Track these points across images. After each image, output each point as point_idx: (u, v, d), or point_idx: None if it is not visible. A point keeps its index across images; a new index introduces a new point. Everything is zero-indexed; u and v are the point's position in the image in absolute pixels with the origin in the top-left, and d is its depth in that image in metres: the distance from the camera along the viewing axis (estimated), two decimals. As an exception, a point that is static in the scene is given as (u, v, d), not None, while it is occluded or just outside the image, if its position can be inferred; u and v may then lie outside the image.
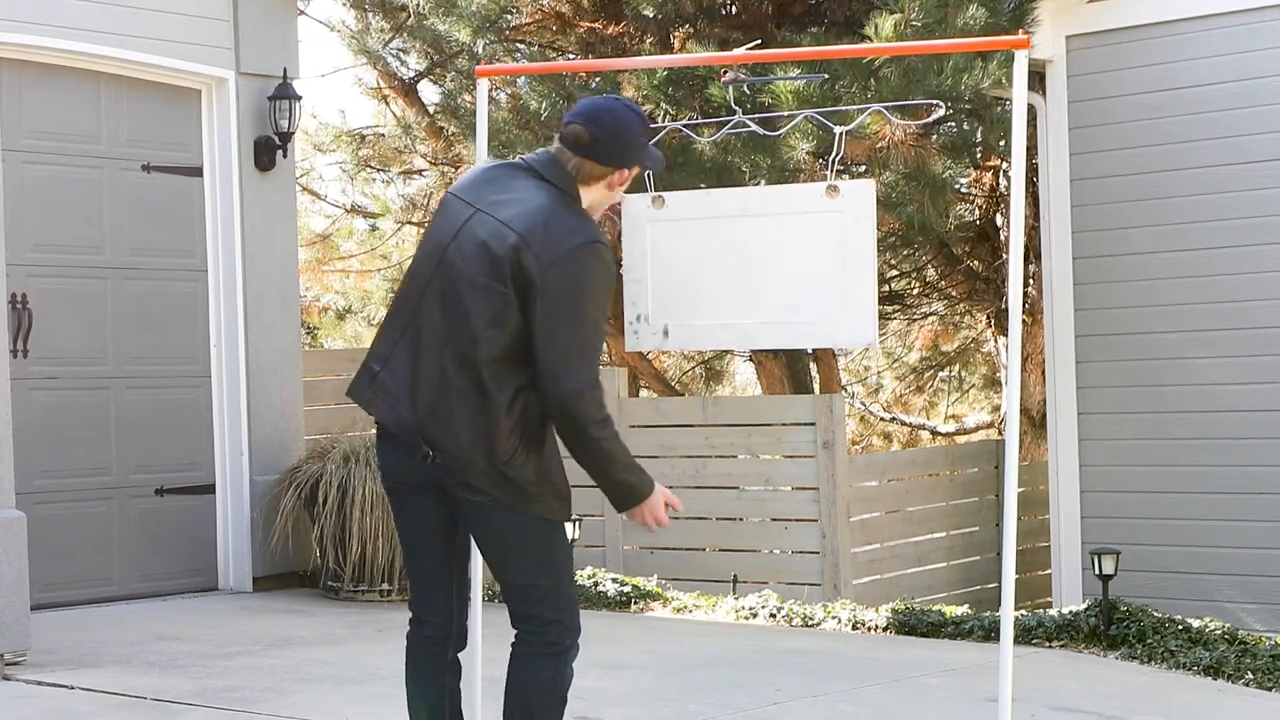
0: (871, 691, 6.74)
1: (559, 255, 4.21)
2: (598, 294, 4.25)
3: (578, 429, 4.23)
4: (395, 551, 8.92)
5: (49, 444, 8.64)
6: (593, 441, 4.24)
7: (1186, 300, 9.46)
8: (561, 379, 4.18)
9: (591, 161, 4.37)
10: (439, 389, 4.28)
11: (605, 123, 4.37)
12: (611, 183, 4.44)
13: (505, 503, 4.31)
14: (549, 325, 4.19)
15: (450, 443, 4.27)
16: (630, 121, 4.41)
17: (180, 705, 6.26)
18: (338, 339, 18.62)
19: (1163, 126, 9.54)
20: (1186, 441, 9.46)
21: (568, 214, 4.30)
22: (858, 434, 18.71)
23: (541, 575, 4.39)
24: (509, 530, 4.37)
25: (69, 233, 8.83)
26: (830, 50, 8.92)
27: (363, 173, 15.73)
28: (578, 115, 4.41)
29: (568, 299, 4.20)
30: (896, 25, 8.89)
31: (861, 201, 5.06)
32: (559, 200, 4.33)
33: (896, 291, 15.61)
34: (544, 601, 4.39)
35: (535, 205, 4.30)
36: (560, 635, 4.41)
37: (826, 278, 5.05)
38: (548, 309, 4.19)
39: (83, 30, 8.73)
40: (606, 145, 4.37)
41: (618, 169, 4.42)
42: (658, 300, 5.15)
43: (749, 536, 10.62)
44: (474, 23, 11.29)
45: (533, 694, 4.40)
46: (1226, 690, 7.13)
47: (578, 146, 4.37)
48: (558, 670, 4.42)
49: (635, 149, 4.43)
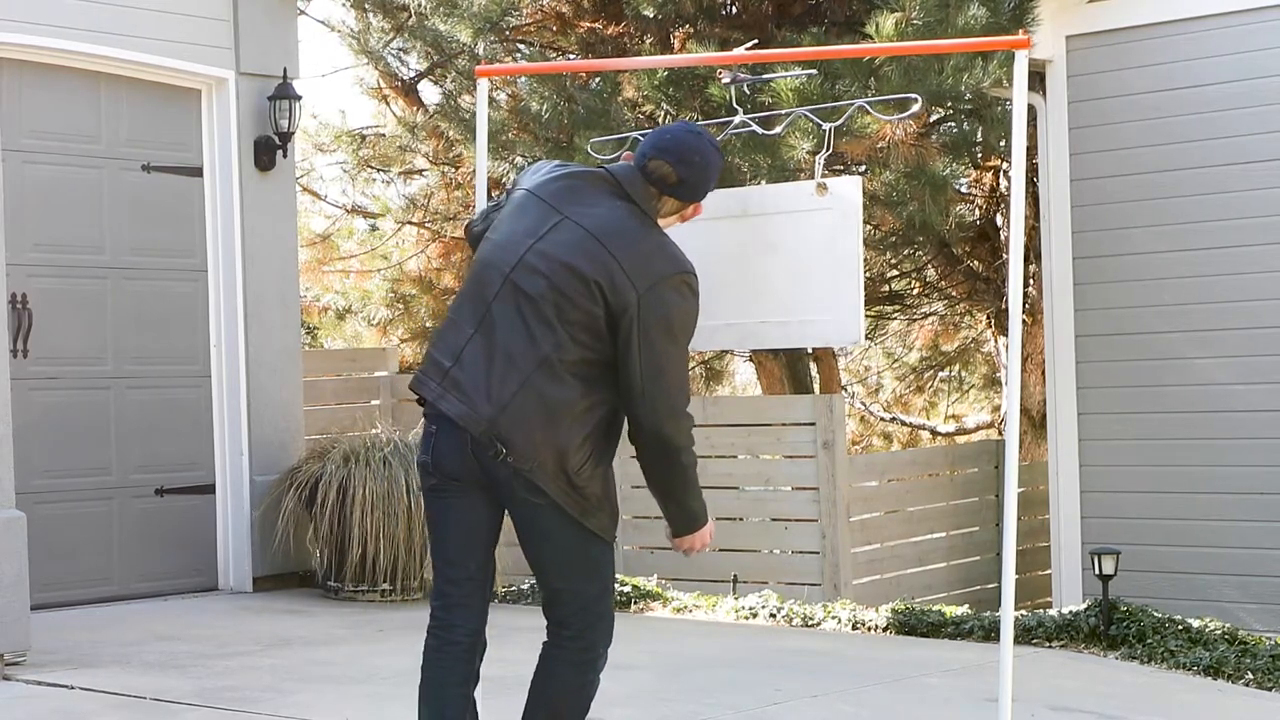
0: (871, 691, 6.74)
1: (655, 282, 4.24)
2: (690, 322, 4.32)
3: (669, 455, 4.33)
4: (395, 552, 8.92)
5: (49, 444, 8.64)
6: (680, 468, 4.36)
7: (1187, 300, 9.46)
8: (660, 407, 4.25)
9: (676, 200, 4.45)
10: (518, 389, 4.25)
11: (695, 164, 4.42)
12: (685, 214, 4.54)
13: (564, 509, 4.31)
14: (647, 351, 4.23)
15: (523, 442, 4.24)
16: (714, 161, 4.47)
17: (180, 705, 6.26)
18: (338, 339, 18.61)
19: (1163, 126, 9.53)
20: (1186, 441, 9.46)
21: (660, 241, 4.36)
22: (858, 434, 18.71)
23: (588, 583, 4.40)
24: (565, 535, 4.35)
25: (69, 233, 8.83)
26: (830, 50, 8.92)
27: (363, 173, 15.72)
28: (667, 154, 4.41)
29: (664, 326, 4.24)
30: (897, 24, 8.89)
31: (848, 199, 5.06)
32: (647, 224, 4.37)
33: (896, 291, 15.61)
34: (587, 609, 4.40)
35: (629, 228, 4.32)
36: (594, 643, 4.42)
37: (816, 276, 5.05)
38: (644, 335, 4.23)
39: (83, 30, 8.73)
40: (693, 186, 4.45)
41: (696, 202, 4.50)
42: None
43: (749, 536, 10.61)
44: (475, 23, 11.28)
45: (560, 699, 4.42)
46: (1226, 690, 7.12)
47: (665, 185, 4.41)
48: (586, 678, 4.43)
49: (713, 182, 4.52)
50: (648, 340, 4.22)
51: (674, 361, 4.26)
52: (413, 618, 8.46)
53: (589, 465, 4.30)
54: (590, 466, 4.30)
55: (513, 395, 4.25)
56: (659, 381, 4.24)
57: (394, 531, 8.89)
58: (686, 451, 4.33)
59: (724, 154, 4.64)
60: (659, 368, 4.23)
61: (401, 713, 6.20)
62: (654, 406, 4.24)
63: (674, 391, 4.27)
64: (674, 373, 4.26)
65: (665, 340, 4.24)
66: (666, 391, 4.25)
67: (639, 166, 4.42)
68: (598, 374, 4.28)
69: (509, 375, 4.26)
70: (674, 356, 4.26)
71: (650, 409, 4.25)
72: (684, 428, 4.30)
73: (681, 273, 4.29)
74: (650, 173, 4.40)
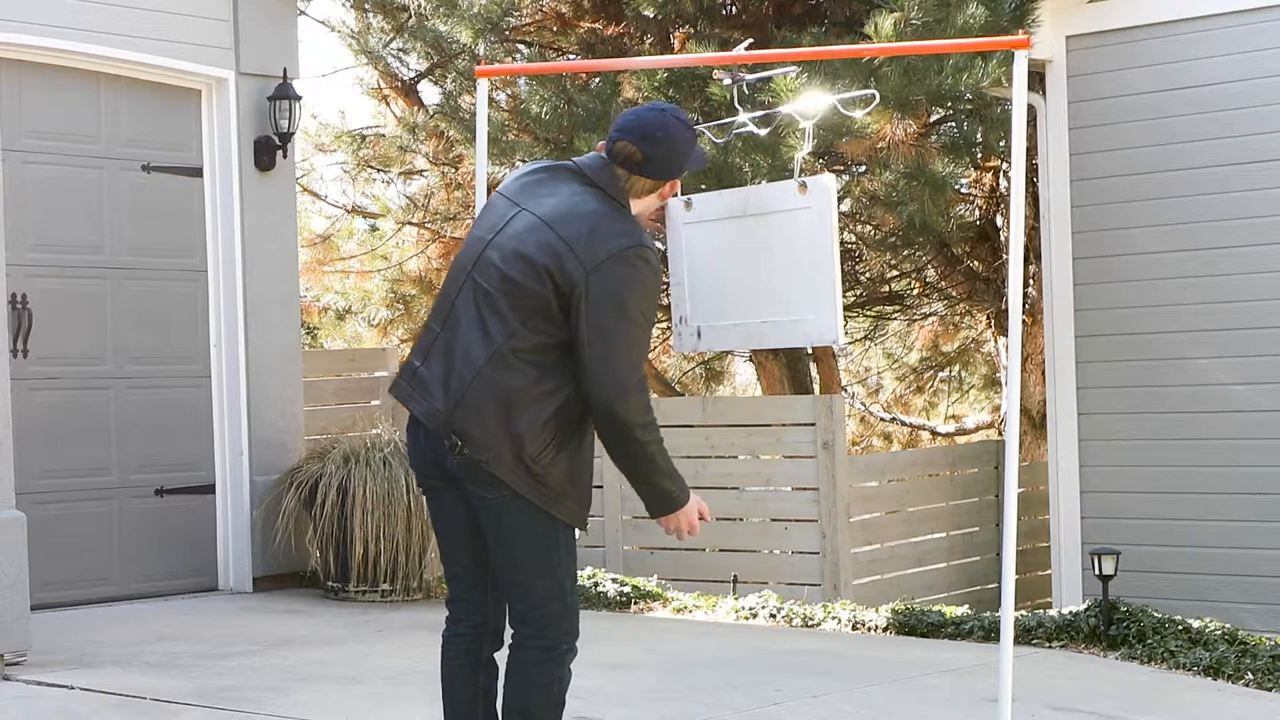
0: (871, 692, 6.74)
1: (603, 260, 4.23)
2: (643, 297, 4.27)
3: (622, 432, 4.24)
4: (395, 552, 8.93)
5: (49, 444, 8.64)
6: (637, 445, 4.27)
7: (1187, 300, 9.46)
8: (607, 382, 4.20)
9: (645, 178, 4.43)
10: (472, 382, 4.29)
11: (658, 140, 4.42)
12: (663, 192, 4.52)
13: (525, 500, 4.31)
14: (594, 329, 4.21)
15: (479, 434, 4.27)
16: (680, 136, 4.45)
17: (180, 705, 6.26)
18: (338, 339, 18.62)
19: (1163, 126, 9.53)
20: (1187, 442, 9.46)
21: (614, 220, 4.33)
22: (858, 434, 18.71)
23: (544, 577, 4.38)
24: (518, 529, 4.36)
25: (69, 233, 8.83)
26: (830, 50, 8.92)
27: (363, 173, 15.72)
28: (628, 133, 4.42)
29: (613, 302, 4.22)
30: (896, 24, 8.89)
31: (823, 196, 5.06)
32: (606, 205, 4.36)
33: (896, 291, 15.60)
34: (544, 604, 4.38)
35: (582, 210, 4.33)
36: (558, 639, 4.41)
37: (801, 275, 5.06)
38: (592, 313, 4.21)
39: (83, 30, 8.72)
40: (659, 163, 4.43)
41: (668, 180, 4.49)
42: (693, 303, 5.18)
43: (749, 537, 10.61)
44: (475, 24, 11.29)
45: (530, 696, 4.40)
46: (1226, 690, 7.12)
47: (631, 164, 4.41)
48: (554, 673, 4.41)
49: (684, 160, 4.49)
50: (595, 317, 4.21)
51: (624, 337, 4.22)
52: (412, 618, 8.46)
53: (549, 451, 4.28)
54: (551, 453, 4.28)
55: (467, 387, 4.29)
56: (607, 359, 4.20)
57: (394, 532, 8.89)
58: (642, 428, 4.24)
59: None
60: (608, 344, 4.20)
61: (401, 713, 6.20)
62: (602, 383, 4.20)
63: (622, 368, 4.20)
64: (623, 349, 4.22)
65: (614, 316, 4.22)
66: (614, 368, 4.19)
67: (607, 151, 4.46)
68: (555, 359, 4.28)
69: (465, 369, 4.31)
70: (624, 332, 4.22)
71: (599, 386, 4.21)
72: (635, 404, 4.22)
73: (634, 247, 4.27)
74: (617, 155, 4.42)
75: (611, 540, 10.67)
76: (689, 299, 5.19)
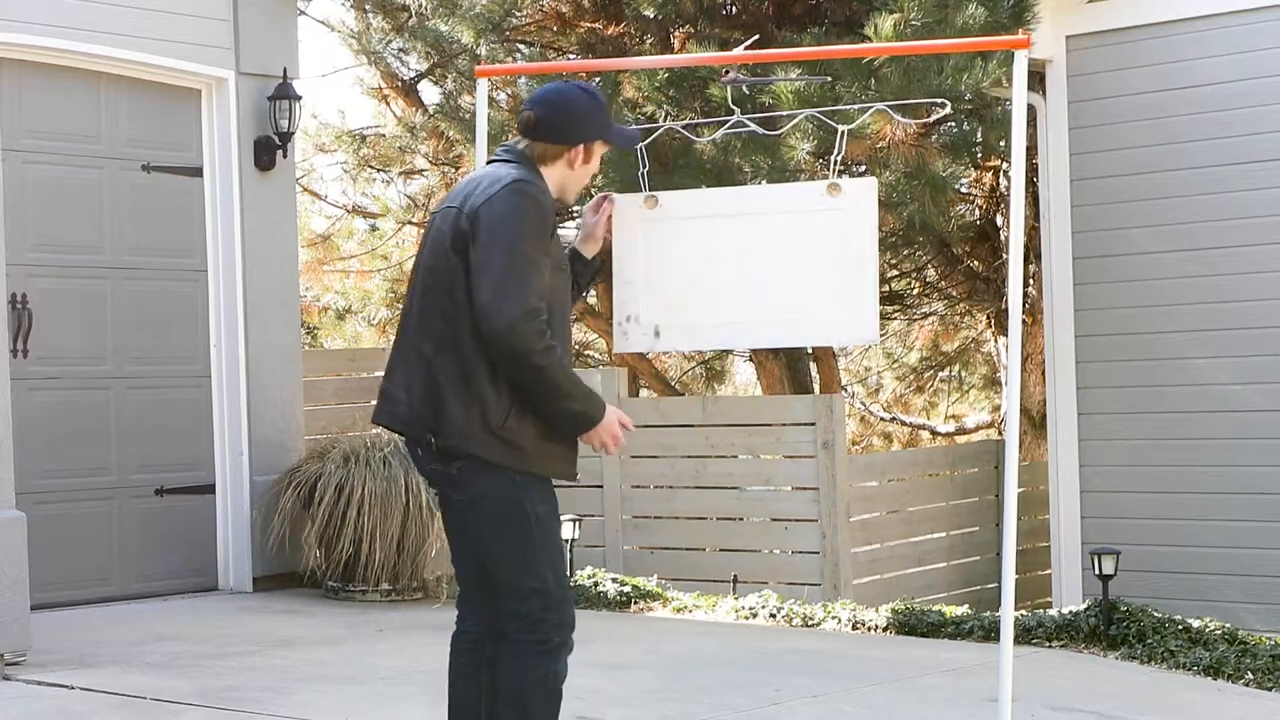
0: (871, 691, 6.74)
1: (483, 202, 4.32)
2: (523, 225, 4.28)
3: (519, 361, 4.24)
4: (394, 552, 8.93)
5: (49, 444, 8.64)
6: (536, 371, 4.25)
7: (1187, 300, 9.46)
8: (494, 314, 4.21)
9: (543, 142, 4.48)
10: (425, 376, 4.37)
11: (550, 102, 4.50)
12: (571, 160, 4.52)
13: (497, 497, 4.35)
14: (478, 265, 4.26)
15: (446, 424, 4.33)
16: (576, 98, 4.51)
17: (180, 705, 6.26)
18: (338, 339, 18.62)
19: (1163, 126, 9.53)
20: (1187, 442, 9.46)
21: (500, 170, 4.41)
22: (858, 434, 18.71)
23: (526, 575, 4.40)
24: (492, 529, 4.40)
25: (69, 233, 8.83)
26: (830, 50, 8.92)
27: (363, 173, 15.73)
28: (528, 102, 4.54)
29: (492, 235, 4.27)
30: (896, 24, 8.89)
31: (864, 199, 5.05)
32: (505, 166, 4.44)
33: (896, 291, 15.60)
34: (532, 599, 4.40)
35: (479, 178, 4.45)
36: (549, 633, 4.41)
37: (828, 276, 5.03)
38: (477, 252, 4.27)
39: (83, 30, 8.73)
40: (553, 124, 4.47)
41: (570, 146, 4.50)
42: (650, 301, 5.13)
43: (749, 536, 10.61)
44: (476, 24, 11.29)
45: (525, 691, 4.41)
46: (1226, 690, 7.12)
47: (528, 130, 4.49)
48: (548, 667, 4.42)
49: (587, 125, 4.51)
50: (482, 252, 4.26)
51: (504, 269, 4.22)
52: (412, 618, 8.46)
53: (513, 416, 4.31)
54: (515, 417, 4.31)
55: (424, 385, 4.36)
56: (491, 291, 4.21)
57: (393, 531, 8.89)
58: (538, 353, 4.22)
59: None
60: (490, 278, 4.22)
61: (401, 713, 6.20)
62: (488, 316, 4.21)
63: (507, 298, 4.20)
64: (507, 280, 4.22)
65: (493, 249, 4.25)
66: (499, 299, 4.20)
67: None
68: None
69: (419, 366, 4.39)
70: (503, 265, 4.23)
71: (485, 319, 4.22)
72: (524, 332, 4.20)
73: (511, 183, 4.33)
74: (520, 124, 4.51)
75: (611, 540, 10.67)
76: (643, 297, 5.13)
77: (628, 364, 13.59)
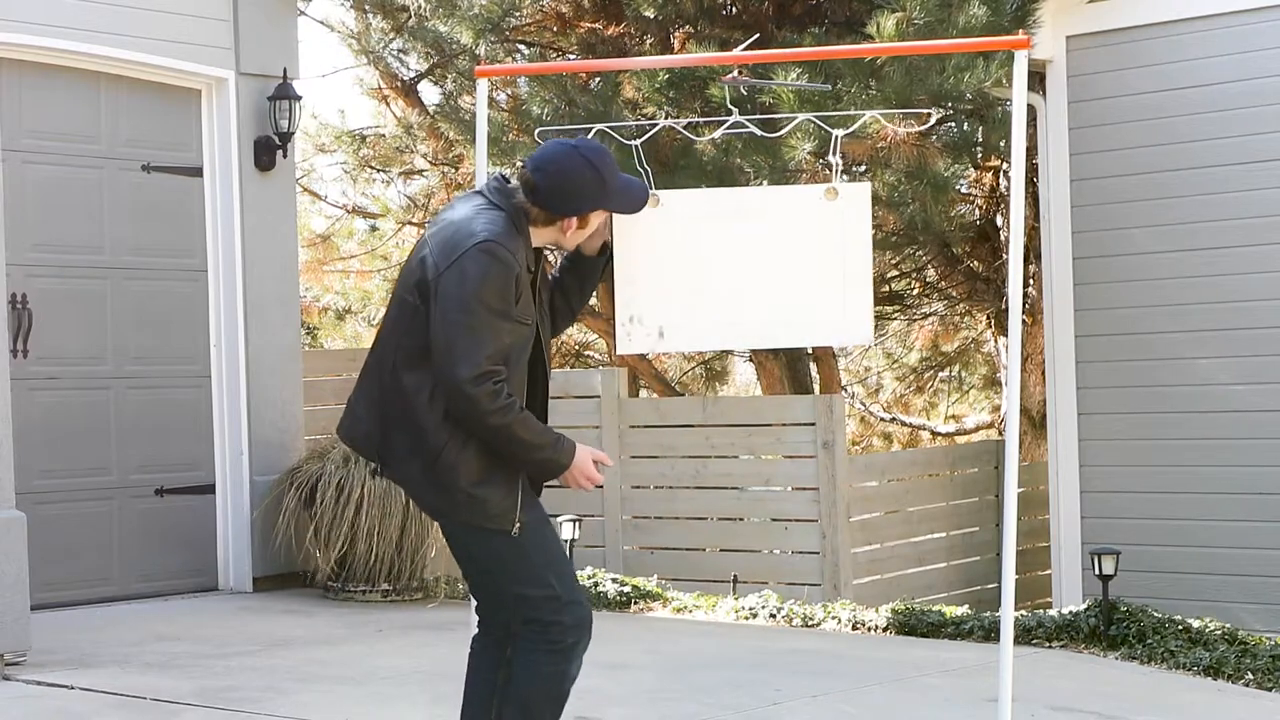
0: (871, 692, 6.74)
1: (454, 259, 4.31)
2: (483, 288, 4.28)
3: (477, 420, 4.28)
4: (394, 552, 8.92)
5: (49, 444, 8.64)
6: (494, 431, 4.29)
7: (1187, 300, 9.45)
8: (448, 375, 4.26)
9: (538, 208, 4.45)
10: (380, 401, 4.44)
11: (549, 172, 4.42)
12: (563, 228, 4.50)
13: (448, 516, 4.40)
14: (437, 323, 4.29)
15: (390, 455, 4.44)
16: (578, 171, 4.43)
17: (180, 705, 6.26)
18: (338, 339, 18.62)
19: (1164, 126, 9.53)
20: (1187, 442, 9.46)
21: (475, 222, 4.37)
22: (858, 434, 18.70)
23: (533, 585, 4.41)
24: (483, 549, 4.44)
25: (69, 233, 8.83)
26: (831, 50, 8.92)
27: (363, 173, 15.72)
28: (531, 161, 4.48)
29: (454, 295, 4.28)
30: (898, 24, 8.89)
31: (859, 203, 5.09)
32: (483, 213, 4.40)
33: (896, 291, 15.60)
34: (540, 607, 4.41)
35: (454, 219, 4.42)
36: (562, 634, 4.42)
37: (825, 277, 5.06)
38: (437, 308, 4.30)
39: (83, 30, 8.73)
40: (550, 194, 4.43)
41: (564, 217, 4.47)
42: (652, 301, 5.13)
43: (749, 537, 10.61)
44: (476, 24, 11.28)
45: (532, 687, 4.42)
46: (1226, 690, 7.12)
47: (528, 191, 4.45)
48: (559, 666, 4.43)
49: (584, 198, 4.46)
50: (441, 312, 4.28)
51: (463, 330, 4.25)
52: (412, 618, 8.46)
53: (449, 452, 4.32)
54: (452, 453, 4.32)
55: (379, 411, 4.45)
56: (449, 351, 4.25)
57: (393, 531, 8.89)
58: (493, 413, 4.25)
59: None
60: (449, 338, 4.26)
61: (401, 713, 6.20)
62: (444, 375, 4.26)
63: (462, 359, 4.23)
64: (464, 341, 4.24)
65: (454, 309, 4.26)
66: (454, 360, 4.24)
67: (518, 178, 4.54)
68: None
69: (374, 393, 4.47)
70: (462, 325, 4.25)
71: (443, 377, 4.27)
72: (479, 394, 4.23)
73: (478, 244, 4.31)
74: (521, 179, 4.47)
75: (611, 540, 10.67)
76: (646, 298, 5.14)
77: (628, 364, 13.59)
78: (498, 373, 4.28)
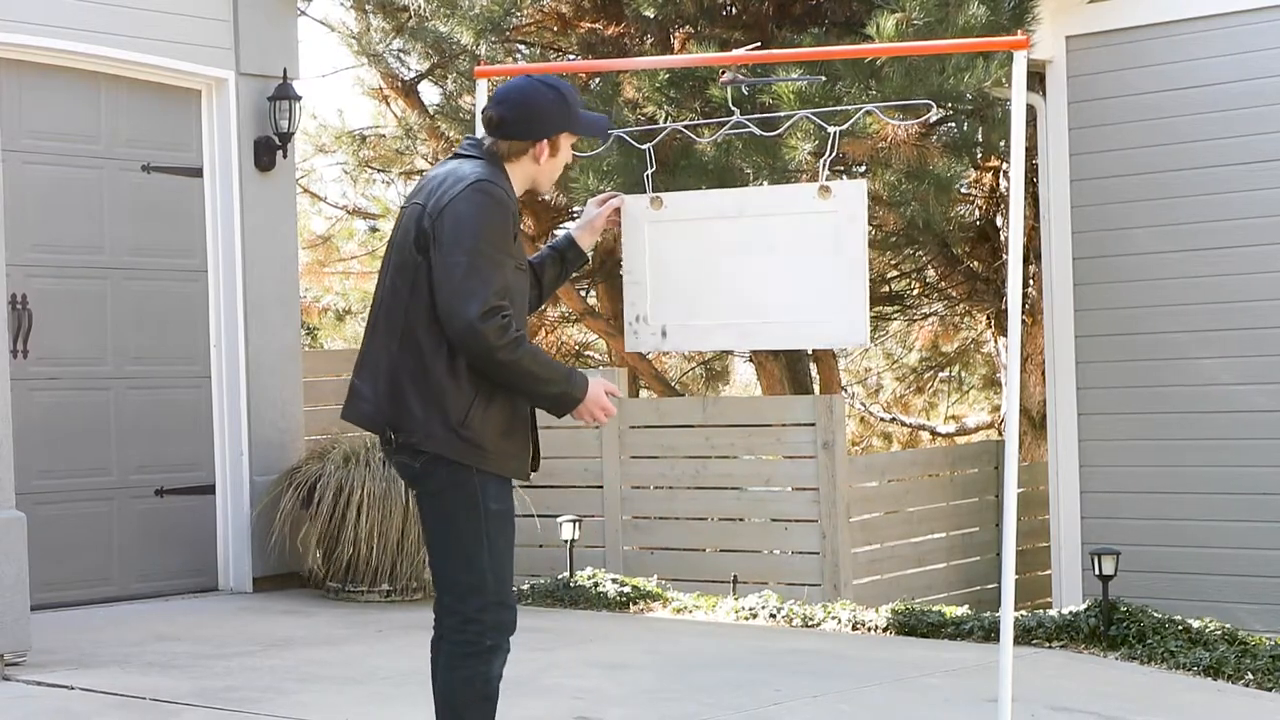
0: (871, 692, 6.74)
1: (445, 203, 4.33)
2: (482, 225, 4.30)
3: (485, 358, 4.27)
4: (394, 552, 8.93)
5: (49, 444, 8.64)
6: (505, 366, 4.29)
7: (1188, 300, 9.45)
8: (456, 315, 4.25)
9: (506, 140, 4.48)
10: (388, 371, 4.40)
11: (510, 101, 4.48)
12: (537, 155, 4.52)
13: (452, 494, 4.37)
14: (440, 266, 4.29)
15: (407, 420, 4.36)
16: (536, 94, 4.49)
17: (180, 705, 6.26)
18: (338, 339, 18.62)
19: (1164, 126, 9.53)
20: (1187, 442, 9.46)
21: (464, 169, 4.41)
22: (858, 434, 18.71)
23: (465, 571, 4.39)
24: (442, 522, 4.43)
25: (69, 233, 8.83)
26: (831, 50, 8.92)
27: (363, 174, 15.72)
28: (489, 103, 4.53)
29: (453, 235, 4.29)
30: (898, 24, 8.89)
31: (853, 202, 5.07)
32: (468, 163, 4.44)
33: (896, 291, 15.60)
34: (467, 598, 4.39)
35: (440, 174, 4.46)
36: (479, 635, 4.39)
37: (821, 278, 5.06)
38: (439, 252, 4.30)
39: (83, 30, 8.73)
40: (515, 123, 4.47)
41: (534, 141, 4.49)
42: (656, 301, 5.15)
43: (749, 537, 10.60)
44: (476, 24, 11.28)
45: (454, 693, 4.42)
46: (1226, 690, 7.12)
47: (490, 129, 4.49)
48: (475, 669, 4.40)
49: (547, 120, 4.50)
50: (443, 254, 4.29)
51: (464, 268, 4.25)
52: (412, 618, 8.46)
53: (476, 411, 4.33)
54: (479, 411, 4.33)
55: (388, 380, 4.40)
56: (453, 291, 4.25)
57: (393, 531, 8.89)
58: (503, 348, 4.25)
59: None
60: (451, 278, 4.25)
61: (401, 713, 6.20)
62: (449, 317, 4.25)
63: (466, 298, 4.23)
64: (467, 279, 4.25)
65: (454, 250, 4.27)
66: (459, 299, 4.23)
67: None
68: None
69: (382, 363, 4.43)
70: (463, 264, 4.26)
71: (448, 320, 4.26)
72: (487, 330, 4.23)
73: (471, 184, 4.34)
74: (484, 125, 4.51)
75: (611, 540, 10.67)
76: (650, 297, 5.16)
77: (628, 364, 13.59)
78: (504, 308, 4.27)
